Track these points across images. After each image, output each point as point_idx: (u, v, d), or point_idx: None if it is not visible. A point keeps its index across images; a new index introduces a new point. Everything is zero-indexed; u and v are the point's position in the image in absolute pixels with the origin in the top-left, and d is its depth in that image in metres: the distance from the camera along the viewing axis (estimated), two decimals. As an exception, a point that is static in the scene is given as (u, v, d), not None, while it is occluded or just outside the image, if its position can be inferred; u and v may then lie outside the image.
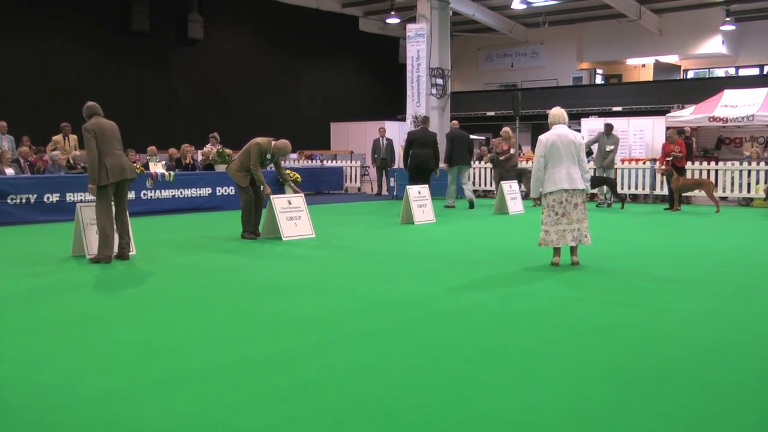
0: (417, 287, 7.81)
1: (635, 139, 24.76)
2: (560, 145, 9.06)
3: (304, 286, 7.93)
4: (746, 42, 35.06)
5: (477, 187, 23.81)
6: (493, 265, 9.35)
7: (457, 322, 6.28)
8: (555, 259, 9.17)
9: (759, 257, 10.16)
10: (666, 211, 17.84)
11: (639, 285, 7.97)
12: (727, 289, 7.81)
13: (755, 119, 21.90)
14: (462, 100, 34.46)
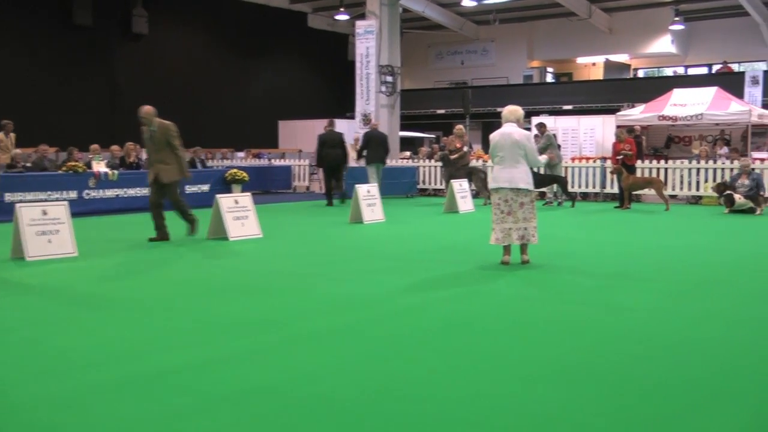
0: (369, 287, 7.79)
1: (585, 137, 25.07)
2: (504, 145, 9.11)
3: (253, 287, 7.86)
4: (695, 41, 35.73)
5: (427, 186, 23.89)
6: (445, 263, 9.37)
7: (410, 322, 6.27)
8: (504, 258, 9.22)
9: (709, 254, 10.32)
10: (616, 209, 18.07)
11: (591, 283, 8.05)
12: (679, 286, 7.91)
13: (704, 118, 22.29)
14: (412, 98, 34.55)
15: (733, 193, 16.92)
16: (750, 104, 23.90)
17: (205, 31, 33.37)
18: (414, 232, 13.32)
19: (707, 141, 24.19)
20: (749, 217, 15.82)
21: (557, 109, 31.23)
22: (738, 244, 11.54)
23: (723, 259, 9.86)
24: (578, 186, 21.59)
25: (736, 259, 9.95)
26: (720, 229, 13.89)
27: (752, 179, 17.09)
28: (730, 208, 16.85)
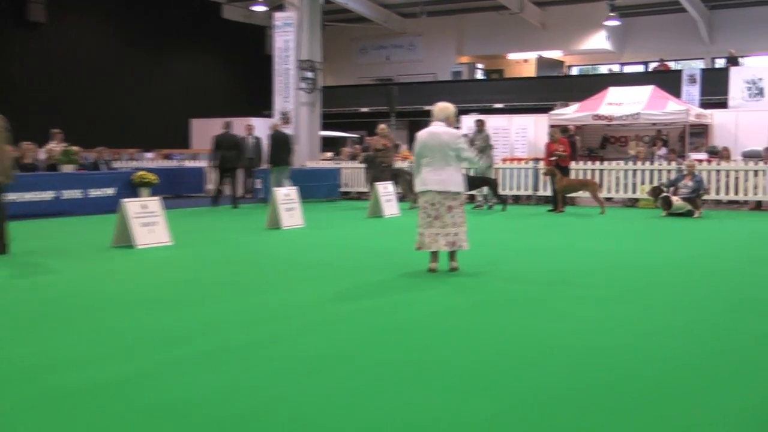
0: (289, 297, 7.75)
1: (517, 137, 25.44)
2: (432, 145, 9.15)
3: (163, 299, 7.74)
4: (631, 38, 36.54)
5: (350, 189, 23.91)
6: (369, 271, 9.37)
7: (333, 334, 6.24)
8: (432, 265, 9.27)
9: (645, 258, 10.54)
10: (550, 212, 18.36)
11: (523, 291, 8.14)
12: (615, 292, 8.06)
13: (640, 118, 22.84)
14: (334, 95, 34.55)
15: (670, 196, 17.34)
16: (687, 104, 24.58)
17: (110, 21, 32.81)
18: (336, 238, 13.31)
19: (644, 141, 24.77)
20: (687, 221, 16.24)
21: (487, 107, 31.57)
22: (674, 248, 11.81)
23: (659, 264, 10.07)
24: (510, 189, 21.87)
25: (673, 263, 10.18)
26: (657, 233, 14.21)
27: (695, 181, 17.55)
28: (667, 211, 17.26)
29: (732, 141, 23.39)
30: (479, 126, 19.97)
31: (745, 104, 25.87)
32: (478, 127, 19.91)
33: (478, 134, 19.75)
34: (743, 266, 9.99)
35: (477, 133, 19.77)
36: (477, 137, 19.64)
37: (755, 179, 19.28)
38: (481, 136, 19.69)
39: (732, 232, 14.37)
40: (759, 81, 26.11)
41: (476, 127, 19.97)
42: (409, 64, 38.82)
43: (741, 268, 9.85)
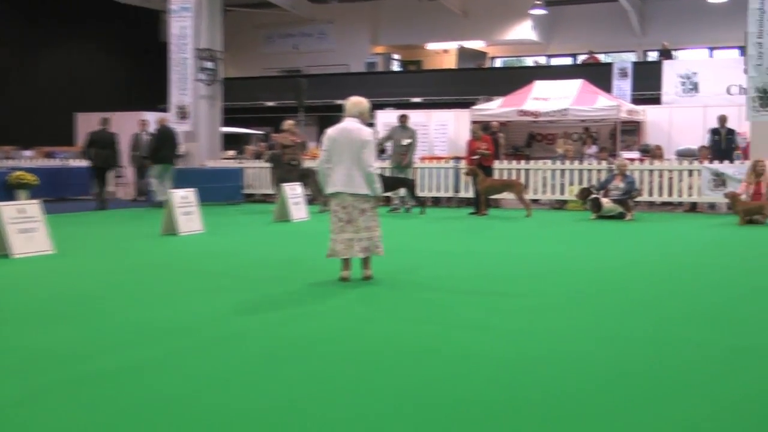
0: (186, 310, 7.66)
1: (437, 134, 25.62)
2: (342, 142, 9.14)
3: (41, 314, 7.57)
4: (558, 28, 37.14)
5: (254, 191, 23.78)
6: (275, 281, 9.33)
7: (234, 350, 6.18)
8: (344, 273, 9.28)
9: (573, 264, 10.72)
10: (471, 215, 18.53)
11: (443, 300, 8.20)
12: (541, 300, 8.16)
13: (569, 113, 23.23)
14: (237, 87, 34.29)
15: (600, 198, 17.66)
16: (618, 99, 25.13)
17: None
18: (239, 244, 13.22)
19: (572, 139, 25.20)
20: (618, 224, 16.55)
21: (404, 101, 31.71)
22: (604, 253, 12.05)
23: (588, 270, 10.26)
24: (428, 190, 22.00)
25: (602, 269, 10.38)
26: (586, 237, 14.49)
27: (627, 182, 17.91)
28: (597, 214, 17.58)
29: (665, 139, 23.96)
30: (403, 121, 20.00)
31: (679, 100, 26.60)
32: (402, 123, 19.94)
33: (403, 130, 19.77)
34: (675, 273, 10.23)
35: (401, 130, 19.79)
36: (402, 134, 19.68)
37: (690, 179, 19.76)
38: (407, 133, 19.76)
39: (664, 236, 14.70)
40: (693, 75, 26.87)
41: (400, 123, 20.00)
42: (319, 55, 38.76)
43: (673, 275, 10.07)
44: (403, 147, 19.60)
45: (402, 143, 19.59)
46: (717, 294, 8.66)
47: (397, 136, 19.79)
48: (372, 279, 9.25)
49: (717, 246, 13.29)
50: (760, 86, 18.74)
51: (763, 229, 15.55)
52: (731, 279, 9.69)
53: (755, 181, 17.09)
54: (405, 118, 20.16)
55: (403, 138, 19.65)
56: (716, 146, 21.01)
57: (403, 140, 19.61)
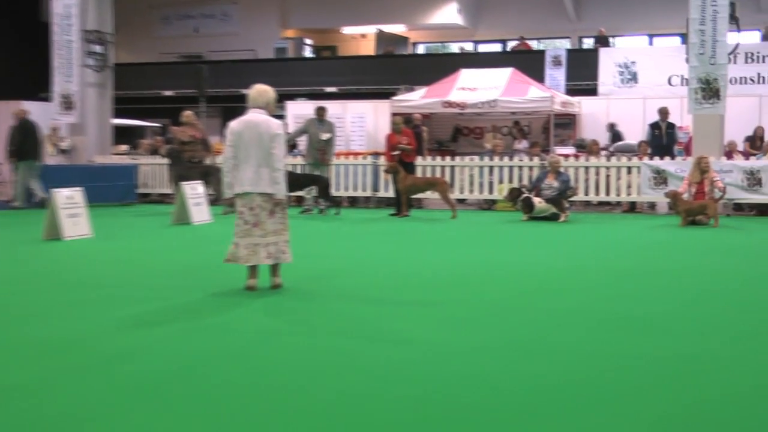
0: (68, 326, 7.53)
1: (354, 127, 25.67)
2: (249, 136, 9.08)
3: None
4: (486, 12, 37.47)
5: (150, 190, 23.53)
6: (173, 291, 9.24)
7: (126, 369, 6.09)
8: (250, 282, 9.22)
9: (502, 269, 10.83)
10: (392, 217, 18.57)
11: (360, 311, 8.19)
12: (466, 312, 8.20)
13: (498, 105, 23.43)
14: (130, 74, 33.88)
15: (531, 197, 17.81)
16: (552, 89, 25.41)
17: None
18: (133, 251, 13.05)
19: (502, 133, 25.43)
20: (551, 225, 16.74)
21: (317, 91, 31.72)
22: (535, 258, 12.16)
23: (516, 277, 10.36)
24: (344, 189, 21.98)
25: (532, 275, 10.48)
26: (516, 240, 14.64)
27: (561, 180, 18.08)
28: (528, 215, 17.74)
29: (602, 133, 24.36)
30: (321, 114, 19.86)
31: (617, 91, 27.07)
32: (320, 116, 19.81)
33: (321, 124, 19.63)
34: (611, 278, 10.36)
35: (319, 123, 19.65)
36: (320, 128, 19.54)
37: (629, 177, 20.08)
38: (326, 127, 19.66)
39: (601, 239, 14.94)
40: (632, 65, 27.34)
41: (317, 116, 19.86)
42: (222, 39, 38.49)
43: (609, 280, 10.21)
44: (322, 142, 19.52)
45: (321, 138, 19.50)
46: (655, 301, 8.78)
47: (314, 130, 19.65)
48: (281, 288, 9.21)
49: (657, 249, 13.47)
50: (703, 76, 19.12)
51: (706, 231, 15.86)
52: (671, 285, 9.84)
53: (699, 179, 17.42)
54: (323, 111, 20.01)
55: (322, 132, 19.54)
56: (656, 141, 21.39)
57: (321, 135, 19.51)
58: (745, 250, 13.30)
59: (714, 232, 15.77)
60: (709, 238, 14.92)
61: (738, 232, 16.04)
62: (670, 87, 26.27)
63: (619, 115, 24.99)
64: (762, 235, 15.50)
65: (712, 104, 19.06)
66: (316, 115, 19.99)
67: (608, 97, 26.58)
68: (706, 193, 17.28)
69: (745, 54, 25.41)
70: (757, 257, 12.56)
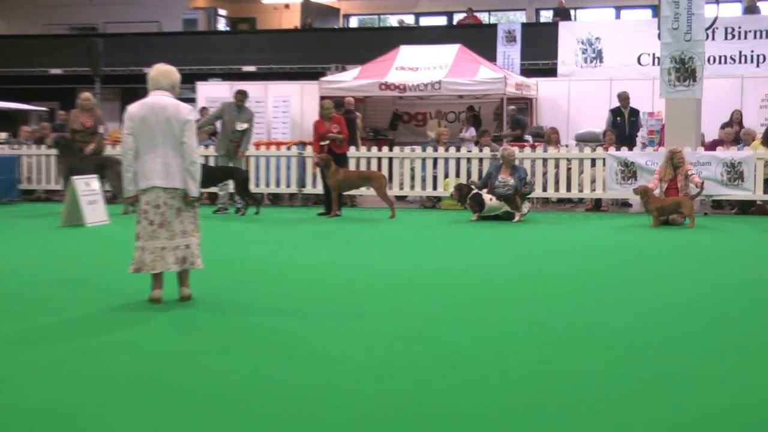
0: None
1: (276, 113, 25.56)
2: (154, 123, 9.01)
3: None
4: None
5: (35, 186, 23.27)
6: (63, 304, 9.19)
7: (9, 397, 6.08)
8: (154, 293, 9.15)
9: (446, 277, 10.92)
10: (321, 217, 18.54)
11: (283, 325, 8.21)
12: (404, 324, 8.28)
13: (443, 88, 23.49)
14: (9, 49, 33.53)
15: (482, 194, 17.83)
16: (505, 69, 25.55)
17: None
18: (13, 257, 12.95)
19: (448, 120, 25.52)
20: (505, 226, 16.82)
21: (234, 70, 31.62)
22: (486, 264, 12.25)
23: (461, 286, 10.43)
24: (265, 184, 21.90)
25: (480, 284, 10.58)
26: (463, 243, 14.73)
27: (517, 175, 17.95)
28: (478, 214, 17.77)
29: (563, 119, 24.51)
30: (240, 99, 19.51)
31: (579, 71, 27.21)
32: (239, 101, 19.52)
33: (239, 111, 19.27)
34: (570, 286, 10.46)
35: (237, 110, 19.32)
36: (237, 115, 19.22)
37: (592, 171, 20.24)
38: (245, 115, 19.36)
39: (561, 241, 15.06)
40: (596, 41, 27.50)
41: (236, 101, 19.59)
42: (120, 8, 38.19)
43: (567, 289, 10.29)
44: (237, 133, 19.23)
45: (237, 128, 19.28)
46: (619, 312, 8.90)
47: (230, 117, 19.31)
48: (191, 299, 9.19)
49: (624, 253, 13.61)
50: (677, 55, 19.24)
51: (681, 232, 16.06)
52: (638, 294, 9.96)
53: (672, 175, 17.56)
54: (243, 96, 19.58)
55: (239, 121, 19.26)
56: (618, 130, 21.57)
57: (238, 124, 19.27)
58: (724, 255, 13.45)
59: (689, 233, 15.95)
60: (683, 240, 15.09)
61: (717, 233, 16.27)
62: (640, 67, 26.45)
63: (582, 99, 25.11)
64: (743, 236, 15.73)
65: (687, 87, 19.17)
66: (235, 100, 19.67)
67: (569, 78, 26.69)
68: (681, 189, 17.46)
69: (725, 29, 25.72)
70: (736, 262, 12.72)
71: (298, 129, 24.93)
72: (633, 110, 21.97)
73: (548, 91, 25.80)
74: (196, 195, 9.17)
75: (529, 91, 25.22)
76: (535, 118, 25.44)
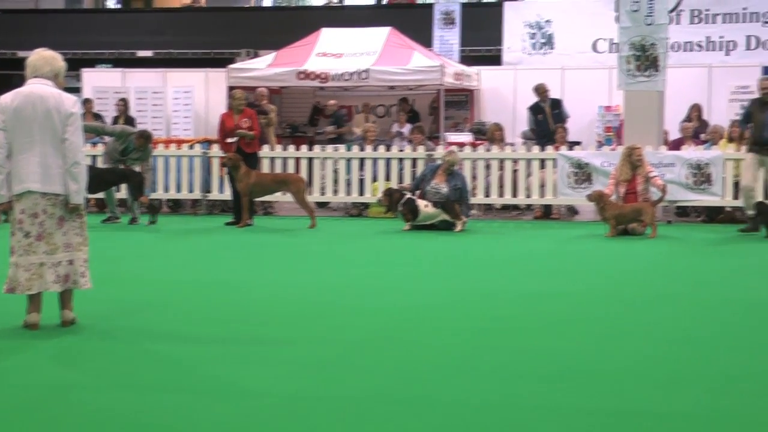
0: None
1: (177, 105, 25.41)
2: (31, 115, 8.86)
3: None
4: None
5: None
6: None
7: None
8: (31, 318, 9.00)
9: (370, 298, 10.92)
10: (229, 226, 18.43)
11: (183, 353, 8.16)
12: (328, 351, 8.26)
13: (371, 77, 23.44)
14: None
15: (415, 200, 17.78)
16: (442, 56, 25.55)
17: None
18: None
19: (377, 114, 25.52)
20: (442, 237, 16.87)
21: (126, 55, 31.42)
22: (416, 281, 12.33)
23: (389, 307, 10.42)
24: (164, 189, 21.72)
25: (409, 305, 10.53)
26: (393, 257, 14.77)
27: (454, 183, 17.91)
28: (411, 223, 17.73)
29: (508, 114, 24.51)
30: (141, 143, 19.17)
31: (528, 59, 27.36)
32: (139, 145, 19.12)
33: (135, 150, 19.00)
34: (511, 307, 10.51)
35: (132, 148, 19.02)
36: (130, 152, 18.96)
37: (542, 173, 20.30)
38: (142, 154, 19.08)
39: (503, 255, 15.18)
40: (546, 25, 27.66)
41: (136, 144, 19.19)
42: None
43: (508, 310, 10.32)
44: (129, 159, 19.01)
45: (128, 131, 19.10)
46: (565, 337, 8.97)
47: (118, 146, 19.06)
48: (75, 324, 9.09)
49: (575, 268, 13.69)
50: (637, 41, 19.25)
51: (640, 243, 16.24)
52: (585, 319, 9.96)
53: (630, 176, 17.65)
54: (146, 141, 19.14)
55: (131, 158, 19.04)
56: (542, 127, 21.64)
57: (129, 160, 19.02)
58: (689, 269, 13.67)
59: (650, 244, 16.13)
60: (643, 252, 15.27)
61: (680, 243, 16.49)
62: (596, 54, 26.64)
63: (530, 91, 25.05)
64: (709, 248, 15.91)
65: (648, 77, 19.23)
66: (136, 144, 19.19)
67: (515, 67, 26.80)
68: (640, 194, 17.53)
69: (691, 12, 26.02)
70: (701, 278, 12.93)
71: (202, 124, 24.83)
72: (554, 101, 21.96)
73: (492, 81, 25.87)
74: (79, 202, 9.01)
75: (469, 81, 25.27)
76: (477, 113, 25.48)
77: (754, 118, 17.46)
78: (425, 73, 23.45)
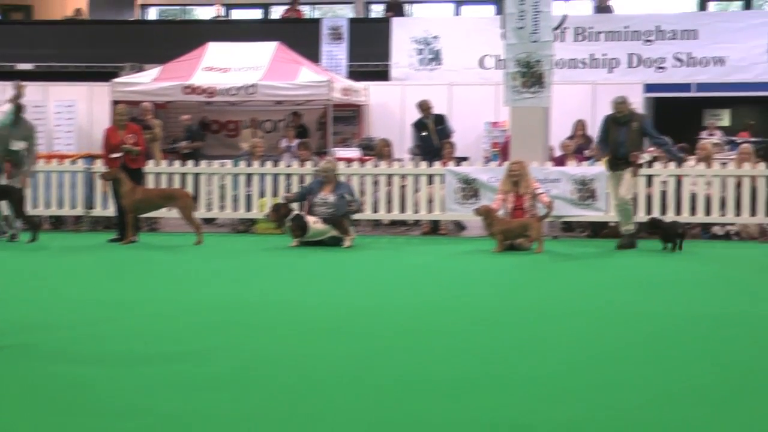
0: None
1: (59, 120, 25.19)
2: None
3: None
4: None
5: None
6: None
7: None
8: None
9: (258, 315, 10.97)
10: (113, 243, 18.31)
11: (84, 375, 8.04)
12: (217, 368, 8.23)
13: (258, 92, 23.46)
14: None
15: (303, 216, 17.82)
16: (330, 71, 25.63)
17: None
18: None
19: (265, 129, 25.52)
20: (330, 253, 16.95)
21: (5, 68, 31.02)
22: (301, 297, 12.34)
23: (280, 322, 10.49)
24: (45, 205, 21.50)
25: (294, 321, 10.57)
26: (283, 274, 14.83)
27: (339, 194, 17.99)
28: (299, 239, 17.76)
29: (396, 130, 24.62)
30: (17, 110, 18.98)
31: (415, 74, 27.53)
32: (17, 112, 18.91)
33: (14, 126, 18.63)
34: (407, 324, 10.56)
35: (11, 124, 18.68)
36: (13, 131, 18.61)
37: (430, 189, 20.43)
38: (21, 130, 18.76)
39: (391, 271, 15.24)
40: (434, 40, 27.86)
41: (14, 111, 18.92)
42: None
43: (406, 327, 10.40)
44: (13, 153, 18.64)
45: (11, 147, 18.66)
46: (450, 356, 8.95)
47: (5, 131, 18.71)
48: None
49: (459, 285, 13.73)
50: (522, 58, 19.43)
51: (526, 258, 16.45)
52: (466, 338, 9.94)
53: (513, 190, 17.77)
54: (21, 107, 19.05)
55: (13, 138, 18.69)
56: (427, 143, 21.97)
57: (12, 142, 18.67)
58: (573, 284, 13.85)
59: (535, 259, 16.33)
60: (527, 267, 15.43)
61: (564, 259, 16.67)
62: (483, 70, 26.86)
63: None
64: (592, 262, 16.16)
65: (533, 94, 19.40)
66: (13, 110, 19.13)
67: (403, 82, 26.92)
68: (527, 210, 17.69)
69: (575, 29, 26.35)
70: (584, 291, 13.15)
71: (85, 139, 24.65)
72: (438, 117, 22.25)
73: (380, 96, 25.98)
74: None
75: (358, 96, 25.37)
76: (365, 129, 25.56)
77: (609, 136, 17.81)
78: (313, 89, 23.51)
